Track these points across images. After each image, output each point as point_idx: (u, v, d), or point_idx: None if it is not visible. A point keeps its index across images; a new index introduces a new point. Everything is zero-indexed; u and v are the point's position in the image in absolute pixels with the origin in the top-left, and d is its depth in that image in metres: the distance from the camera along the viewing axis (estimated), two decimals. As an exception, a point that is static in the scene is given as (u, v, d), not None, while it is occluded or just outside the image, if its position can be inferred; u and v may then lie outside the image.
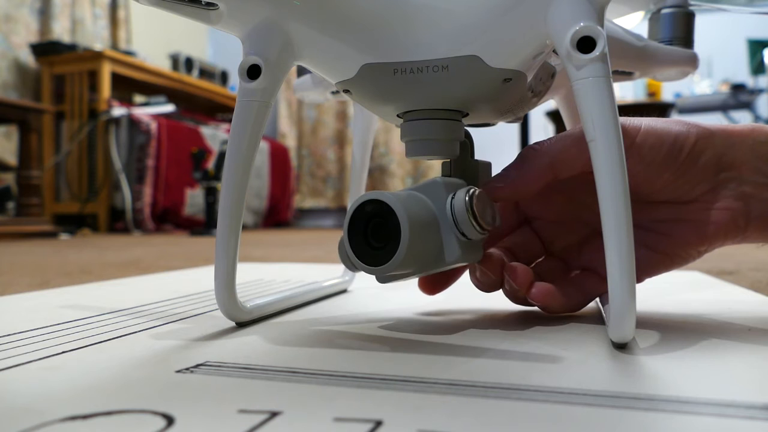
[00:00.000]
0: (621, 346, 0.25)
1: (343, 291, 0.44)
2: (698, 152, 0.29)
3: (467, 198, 0.26)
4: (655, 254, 0.30)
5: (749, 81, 2.76)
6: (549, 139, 0.30)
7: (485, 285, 0.31)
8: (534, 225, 0.34)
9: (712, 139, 0.29)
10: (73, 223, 2.31)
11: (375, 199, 0.25)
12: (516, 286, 0.30)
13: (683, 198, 0.29)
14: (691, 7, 0.40)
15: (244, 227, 2.30)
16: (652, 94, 2.61)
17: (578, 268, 0.33)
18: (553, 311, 0.31)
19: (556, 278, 0.32)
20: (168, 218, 2.50)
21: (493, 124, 0.34)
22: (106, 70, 2.45)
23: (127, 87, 2.78)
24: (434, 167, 3.20)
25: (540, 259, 0.34)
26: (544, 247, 0.34)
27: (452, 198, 0.27)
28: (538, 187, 0.30)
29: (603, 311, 0.32)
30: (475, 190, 0.27)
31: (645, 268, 0.30)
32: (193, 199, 2.56)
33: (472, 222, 0.26)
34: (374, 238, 0.25)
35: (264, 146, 3.01)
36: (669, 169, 0.29)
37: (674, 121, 0.29)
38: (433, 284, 0.32)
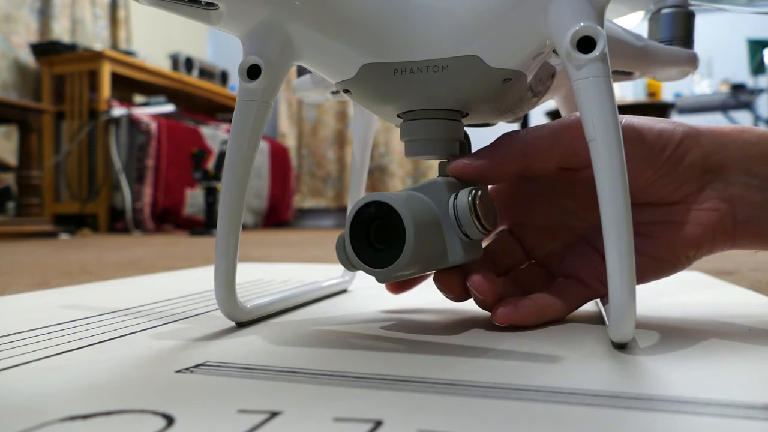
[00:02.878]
0: (621, 346, 0.25)
1: (343, 291, 0.44)
2: (683, 151, 0.28)
3: (470, 198, 0.26)
4: (642, 258, 0.29)
5: (749, 81, 2.76)
6: (526, 128, 0.29)
7: (455, 298, 0.31)
8: (516, 231, 0.33)
9: (698, 138, 0.28)
10: (73, 223, 2.31)
11: (377, 200, 0.25)
12: (481, 297, 0.29)
13: (668, 199, 0.29)
14: (691, 7, 0.40)
15: (244, 227, 2.30)
16: (652, 94, 2.61)
17: (561, 275, 0.32)
18: (527, 326, 0.29)
19: (538, 286, 0.31)
20: (168, 218, 2.50)
21: (493, 124, 0.34)
22: (106, 70, 2.45)
23: (127, 87, 2.78)
24: (434, 167, 3.19)
25: (522, 266, 0.33)
26: (525, 254, 0.33)
27: (455, 198, 0.27)
28: (508, 173, 0.29)
29: (603, 311, 0.32)
30: (478, 190, 0.27)
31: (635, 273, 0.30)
32: (193, 199, 2.56)
33: (476, 222, 0.26)
34: (377, 240, 0.25)
35: (264, 146, 3.01)
36: (651, 167, 0.28)
37: (661, 120, 0.29)
38: (400, 284, 0.32)
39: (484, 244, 0.32)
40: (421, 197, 0.27)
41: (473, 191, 0.27)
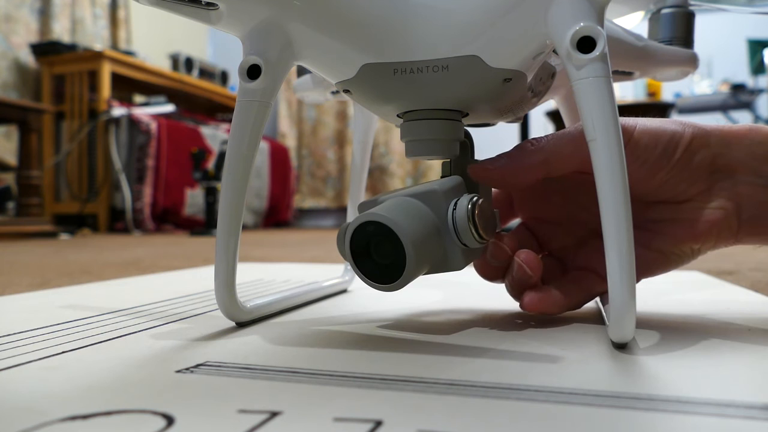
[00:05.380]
0: (621, 346, 0.25)
1: (343, 291, 0.44)
2: (693, 152, 0.29)
3: (469, 208, 0.26)
4: (650, 252, 0.30)
5: (749, 81, 2.76)
6: (547, 135, 0.30)
7: (491, 273, 0.31)
8: (531, 224, 0.34)
9: (707, 138, 0.29)
10: (73, 223, 2.31)
11: (375, 221, 0.24)
12: (530, 273, 0.30)
13: (678, 198, 0.30)
14: (691, 7, 0.40)
15: (244, 227, 2.30)
16: (652, 94, 2.61)
17: (575, 269, 0.33)
18: (553, 314, 0.31)
19: (554, 278, 0.32)
20: (168, 218, 2.50)
21: (493, 124, 0.34)
22: (106, 70, 2.45)
23: (127, 87, 2.78)
24: (434, 167, 3.20)
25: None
26: (540, 248, 0.34)
27: (454, 209, 0.27)
28: (528, 181, 0.30)
29: (603, 311, 0.32)
30: (477, 199, 0.27)
31: (642, 268, 0.30)
32: (193, 199, 2.56)
33: (474, 233, 0.26)
34: (377, 254, 0.25)
35: (264, 146, 3.01)
36: (664, 168, 0.29)
37: (669, 121, 0.30)
38: None
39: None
40: (419, 205, 0.26)
41: (472, 202, 0.26)
